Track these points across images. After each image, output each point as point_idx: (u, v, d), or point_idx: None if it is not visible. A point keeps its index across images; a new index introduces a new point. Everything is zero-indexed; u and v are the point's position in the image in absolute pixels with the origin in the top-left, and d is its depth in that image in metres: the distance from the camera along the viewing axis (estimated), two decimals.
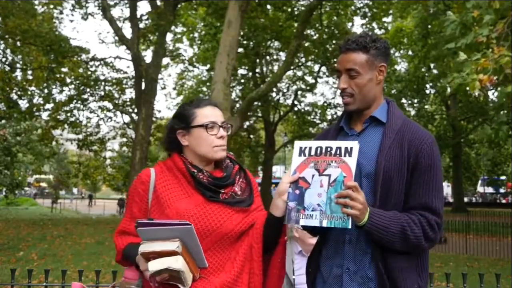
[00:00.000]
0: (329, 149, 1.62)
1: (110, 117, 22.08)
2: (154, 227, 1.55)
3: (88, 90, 21.01)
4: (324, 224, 1.56)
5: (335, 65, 1.81)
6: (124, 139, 24.14)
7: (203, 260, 1.65)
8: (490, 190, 46.73)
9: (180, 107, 1.88)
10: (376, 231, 1.56)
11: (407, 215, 1.61)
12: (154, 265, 1.52)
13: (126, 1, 19.78)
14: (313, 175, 1.61)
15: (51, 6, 19.54)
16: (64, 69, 20.24)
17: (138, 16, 18.39)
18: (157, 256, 1.54)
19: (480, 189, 44.83)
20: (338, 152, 1.60)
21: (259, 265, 1.72)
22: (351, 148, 1.58)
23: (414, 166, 1.64)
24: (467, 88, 5.26)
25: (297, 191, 1.63)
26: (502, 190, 43.90)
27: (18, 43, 18.03)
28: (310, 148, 1.65)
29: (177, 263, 1.52)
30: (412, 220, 1.60)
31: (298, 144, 1.69)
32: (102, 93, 21.24)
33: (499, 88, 5.95)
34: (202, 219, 1.67)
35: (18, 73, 20.10)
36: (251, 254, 1.73)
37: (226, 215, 1.71)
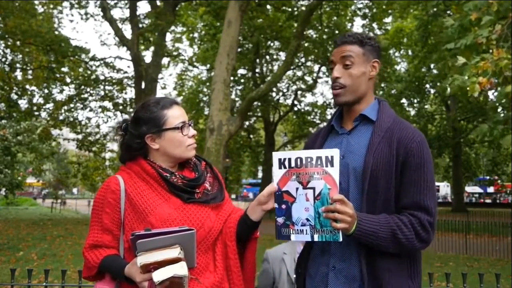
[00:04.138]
0: (309, 159, 1.57)
1: (109, 117, 22.09)
2: (154, 237, 1.51)
3: (88, 90, 21.03)
4: (316, 239, 1.55)
5: (330, 57, 1.81)
6: None
7: (194, 261, 1.64)
8: (478, 190, 47.07)
9: (143, 110, 1.75)
10: (365, 237, 1.55)
11: (397, 217, 1.59)
12: (160, 275, 1.48)
13: (126, 1, 19.79)
14: (297, 188, 1.58)
15: (51, 6, 19.56)
16: (64, 69, 20.27)
17: (138, 16, 18.41)
18: (158, 266, 1.50)
19: (468, 189, 44.94)
20: (319, 162, 1.55)
21: (236, 263, 1.73)
22: (332, 157, 1.54)
23: (404, 165, 1.62)
24: (468, 89, 5.25)
25: (284, 206, 1.60)
26: (490, 190, 44.06)
27: (18, 43, 18.04)
28: (290, 159, 1.60)
29: (183, 269, 1.50)
30: (402, 222, 1.57)
31: (276, 155, 1.63)
32: (102, 93, 21.26)
33: (499, 88, 5.94)
34: (184, 221, 1.65)
35: (18, 73, 20.13)
36: (227, 252, 1.74)
37: (204, 214, 1.71)
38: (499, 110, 7.52)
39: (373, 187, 1.62)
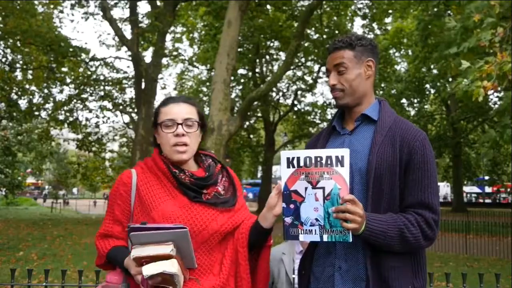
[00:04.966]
0: (319, 158, 1.56)
1: (109, 117, 22.12)
2: (148, 231, 1.53)
3: (88, 90, 21.04)
4: (325, 239, 1.54)
5: (326, 65, 1.84)
6: (124, 139, 24.18)
7: (193, 261, 1.64)
8: (476, 190, 47.17)
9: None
10: (374, 237, 1.55)
11: (403, 216, 1.60)
12: (149, 269, 1.50)
13: (126, 1, 19.79)
14: (306, 188, 1.57)
15: (51, 6, 19.56)
16: (64, 69, 20.26)
17: (138, 15, 18.41)
18: (150, 260, 1.52)
19: (466, 189, 45.00)
20: (329, 162, 1.54)
21: (246, 269, 1.71)
22: (342, 157, 1.53)
23: (407, 164, 1.63)
24: (472, 94, 5.23)
25: (292, 206, 1.59)
26: (488, 190, 44.13)
27: (18, 43, 18.04)
28: (299, 158, 1.58)
29: (173, 266, 1.51)
30: (409, 220, 1.59)
31: (285, 154, 1.61)
32: (102, 93, 21.26)
33: (499, 89, 5.93)
34: (187, 220, 1.65)
35: (18, 73, 20.12)
36: (237, 258, 1.72)
37: (210, 216, 1.69)
38: (505, 114, 7.48)
39: (377, 187, 1.62)
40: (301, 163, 1.58)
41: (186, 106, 1.77)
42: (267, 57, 25.70)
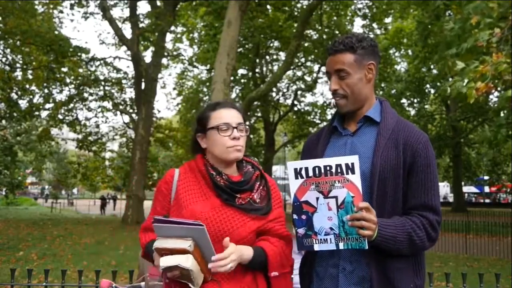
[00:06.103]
0: (328, 167, 1.54)
1: (107, 117, 22.15)
2: (169, 224, 1.57)
3: (88, 89, 21.04)
4: (341, 247, 1.54)
5: (326, 67, 1.80)
6: (124, 139, 24.20)
7: None
8: (474, 189, 47.22)
9: (199, 110, 1.92)
10: (385, 242, 1.55)
11: (409, 219, 1.60)
12: (165, 261, 1.54)
13: (126, 1, 19.80)
14: (317, 198, 1.55)
15: (51, 6, 19.56)
16: (64, 69, 20.28)
17: (138, 16, 18.42)
18: (169, 253, 1.56)
19: (464, 189, 45.08)
20: (339, 170, 1.52)
21: (262, 280, 1.72)
22: (352, 164, 1.51)
23: (411, 166, 1.63)
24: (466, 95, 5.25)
25: (304, 216, 1.58)
26: (486, 190, 44.20)
27: (18, 43, 18.04)
28: (307, 168, 1.56)
29: (187, 261, 1.53)
30: (415, 223, 1.59)
31: (292, 165, 1.58)
32: (102, 93, 21.27)
33: (499, 89, 5.94)
34: (216, 222, 1.67)
35: (18, 73, 20.13)
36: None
37: (240, 221, 1.70)
38: (502, 113, 7.48)
39: (382, 189, 1.62)
40: (310, 173, 1.56)
41: (235, 111, 1.82)
42: (267, 57, 25.72)
